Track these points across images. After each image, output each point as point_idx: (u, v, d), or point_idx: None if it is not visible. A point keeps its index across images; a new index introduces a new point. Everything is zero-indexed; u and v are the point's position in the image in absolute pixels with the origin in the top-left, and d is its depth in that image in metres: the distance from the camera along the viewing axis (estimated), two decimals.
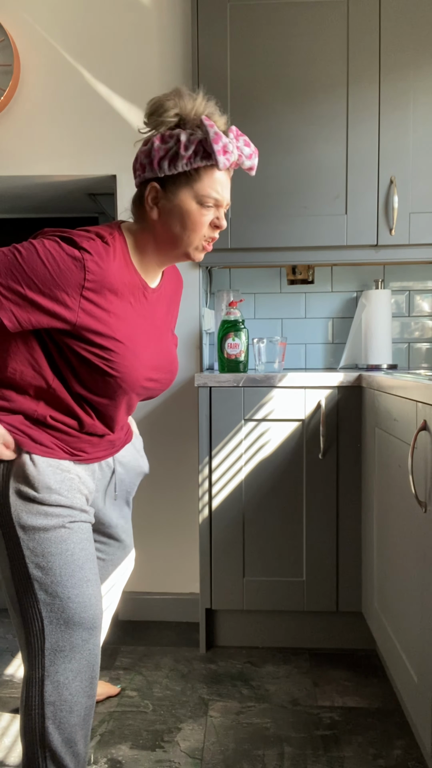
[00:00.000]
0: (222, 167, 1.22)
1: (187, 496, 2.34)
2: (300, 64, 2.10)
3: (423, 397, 1.34)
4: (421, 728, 1.39)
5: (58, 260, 1.17)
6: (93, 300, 1.21)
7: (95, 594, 1.29)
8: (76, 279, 1.18)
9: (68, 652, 1.25)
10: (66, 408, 1.28)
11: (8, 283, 1.16)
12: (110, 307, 1.23)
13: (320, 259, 2.19)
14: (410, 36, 2.06)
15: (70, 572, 1.25)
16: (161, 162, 1.23)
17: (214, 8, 2.09)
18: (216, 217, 1.27)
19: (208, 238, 1.29)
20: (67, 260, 1.17)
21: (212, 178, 1.24)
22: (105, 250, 1.22)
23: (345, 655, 2.08)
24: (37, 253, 1.16)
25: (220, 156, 1.20)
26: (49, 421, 1.27)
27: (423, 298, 2.49)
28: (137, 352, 1.28)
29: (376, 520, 1.81)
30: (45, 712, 1.24)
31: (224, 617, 2.15)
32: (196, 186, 1.24)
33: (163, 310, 1.41)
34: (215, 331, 2.41)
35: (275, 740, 1.64)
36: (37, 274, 1.16)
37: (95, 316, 1.21)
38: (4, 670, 2.00)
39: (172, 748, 1.61)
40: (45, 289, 1.17)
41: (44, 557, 1.23)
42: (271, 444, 2.03)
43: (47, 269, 1.16)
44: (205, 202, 1.24)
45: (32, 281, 1.16)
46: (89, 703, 1.29)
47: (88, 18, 2.24)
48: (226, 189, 1.27)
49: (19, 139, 2.28)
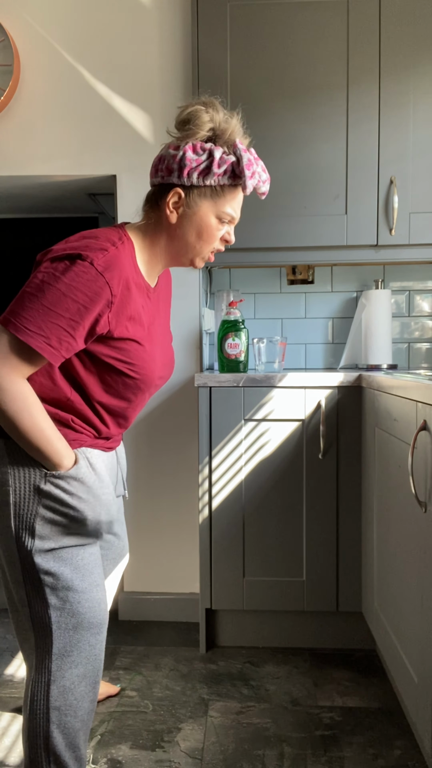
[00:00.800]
0: (248, 192, 1.28)
1: (187, 496, 2.33)
2: (300, 65, 2.10)
3: (423, 397, 1.34)
4: (421, 728, 1.39)
5: (83, 290, 1.16)
6: (118, 309, 1.22)
7: (103, 598, 1.30)
8: (105, 297, 1.19)
9: (75, 656, 1.25)
10: (84, 418, 1.30)
11: (58, 336, 1.15)
12: (129, 312, 1.25)
13: (320, 259, 2.19)
14: (410, 36, 2.06)
15: (81, 577, 1.25)
16: (191, 172, 1.25)
17: (214, 8, 2.09)
18: (227, 232, 1.34)
19: (215, 250, 1.36)
20: (91, 284, 1.17)
21: (235, 197, 1.30)
22: (119, 258, 1.22)
23: (345, 655, 2.08)
24: (61, 293, 1.15)
25: (249, 180, 1.26)
26: (71, 424, 1.28)
27: (423, 298, 2.49)
28: (152, 351, 1.31)
29: (376, 520, 1.81)
30: (50, 716, 1.24)
31: (224, 617, 2.15)
32: (218, 202, 1.28)
33: (162, 308, 1.44)
34: (215, 331, 2.41)
35: (275, 740, 1.64)
36: (71, 312, 1.15)
37: (120, 323, 1.23)
38: (4, 670, 2.00)
39: (172, 748, 1.61)
40: (84, 321, 1.17)
41: (57, 562, 1.23)
42: (271, 444, 2.03)
43: (78, 303, 1.16)
44: (223, 217, 1.30)
45: (72, 321, 1.16)
46: (91, 707, 1.30)
47: (88, 18, 2.24)
48: (239, 208, 1.34)
49: (19, 139, 2.28)
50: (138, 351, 1.27)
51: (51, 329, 1.14)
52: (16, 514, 1.22)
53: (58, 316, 1.14)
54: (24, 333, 1.12)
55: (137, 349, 1.27)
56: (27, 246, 3.57)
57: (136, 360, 1.27)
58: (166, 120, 2.23)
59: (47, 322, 1.14)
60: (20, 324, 1.13)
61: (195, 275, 2.26)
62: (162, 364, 1.37)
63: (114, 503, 1.34)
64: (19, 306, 1.15)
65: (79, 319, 1.16)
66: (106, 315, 1.20)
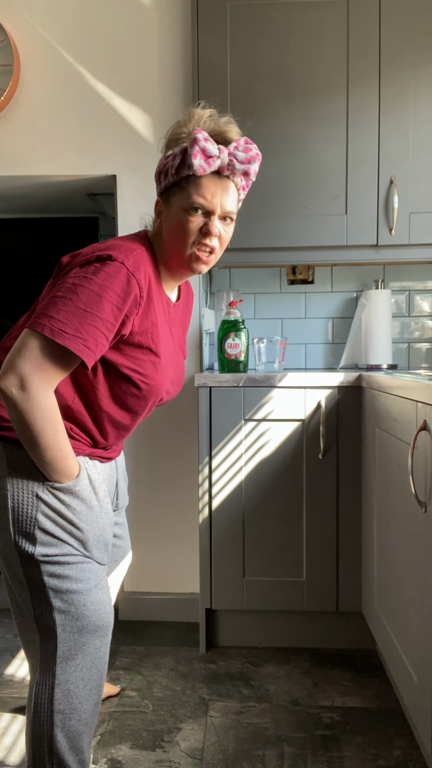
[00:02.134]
0: (197, 171, 1.22)
1: (187, 496, 2.33)
2: (300, 64, 2.10)
3: (423, 397, 1.34)
4: (421, 728, 1.39)
5: (116, 290, 1.17)
6: (144, 311, 1.23)
7: (107, 601, 1.29)
8: (134, 297, 1.19)
9: (80, 659, 1.25)
10: (83, 426, 1.29)
11: (95, 338, 1.15)
12: (152, 317, 1.26)
13: (320, 259, 2.19)
14: (410, 36, 2.06)
15: (85, 579, 1.24)
16: (159, 178, 1.29)
17: (214, 8, 2.09)
18: (206, 224, 1.26)
19: (200, 246, 1.27)
20: (123, 284, 1.17)
21: (198, 185, 1.24)
22: (145, 259, 1.24)
23: (345, 655, 2.08)
24: (95, 294, 1.15)
25: (194, 160, 1.20)
26: (69, 432, 1.27)
27: (423, 298, 2.49)
28: (165, 365, 1.31)
29: (376, 520, 1.81)
30: (54, 719, 1.24)
31: (224, 617, 2.15)
32: (183, 194, 1.25)
33: (179, 325, 1.45)
34: (215, 331, 2.41)
35: (275, 740, 1.64)
36: (107, 313, 1.16)
37: (143, 326, 1.24)
38: (4, 670, 2.00)
39: (172, 748, 1.61)
40: (117, 322, 1.18)
41: (59, 565, 1.23)
42: (271, 444, 2.03)
43: (112, 303, 1.16)
44: (189, 207, 1.25)
45: (107, 322, 1.16)
46: (95, 710, 1.29)
47: (88, 18, 2.24)
48: (217, 196, 1.25)
49: (19, 139, 2.28)
50: (151, 361, 1.27)
51: (89, 331, 1.13)
52: (15, 520, 1.22)
53: (95, 318, 1.14)
54: (62, 336, 1.11)
55: (152, 359, 1.27)
56: (27, 246, 3.57)
57: (148, 371, 1.27)
58: (166, 120, 2.23)
59: (84, 324, 1.13)
60: (57, 327, 1.11)
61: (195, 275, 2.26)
62: (171, 380, 1.37)
63: (110, 517, 1.32)
64: (52, 310, 1.13)
65: (113, 320, 1.17)
66: (133, 316, 1.21)
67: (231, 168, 1.25)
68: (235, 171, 1.25)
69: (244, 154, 1.25)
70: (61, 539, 1.22)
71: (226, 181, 1.26)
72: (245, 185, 1.31)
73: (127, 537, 1.66)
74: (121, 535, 1.63)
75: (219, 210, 1.26)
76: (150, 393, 1.30)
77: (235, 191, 1.29)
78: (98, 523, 1.27)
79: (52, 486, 1.21)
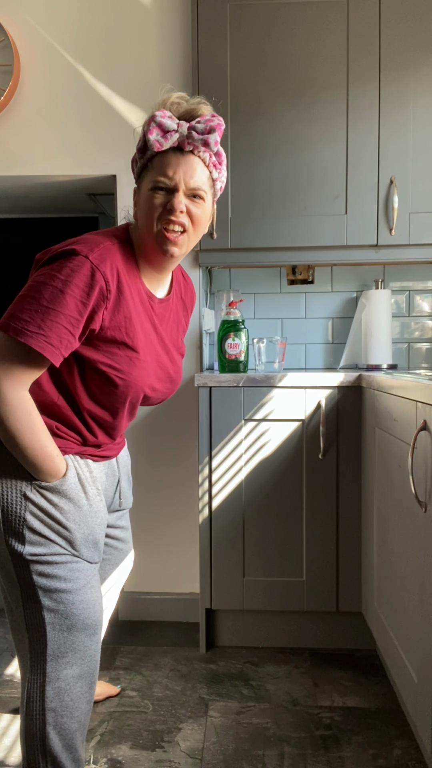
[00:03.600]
0: (153, 146, 1.20)
1: (187, 496, 2.33)
2: (300, 64, 2.10)
3: (423, 397, 1.34)
4: (421, 728, 1.39)
5: (80, 285, 1.15)
6: (114, 305, 1.21)
7: (97, 599, 1.29)
8: (100, 290, 1.17)
9: (70, 657, 1.25)
10: (69, 424, 1.28)
11: (58, 334, 1.14)
12: (125, 312, 1.23)
13: (320, 259, 2.19)
14: (410, 36, 2.06)
15: (75, 578, 1.24)
16: (132, 165, 1.29)
17: (214, 8, 2.09)
18: (170, 201, 1.21)
19: (166, 223, 1.22)
20: (87, 278, 1.16)
21: (161, 163, 1.22)
22: (113, 251, 1.22)
23: (345, 655, 2.08)
24: (58, 290, 1.14)
25: (150, 135, 1.19)
26: (55, 431, 1.26)
27: (423, 298, 2.49)
28: (145, 361, 1.28)
29: (376, 520, 1.81)
30: (46, 717, 1.23)
31: (224, 617, 2.15)
32: (149, 175, 1.24)
33: (172, 322, 1.41)
34: (215, 331, 2.41)
35: (275, 740, 1.64)
36: (70, 309, 1.14)
37: (114, 320, 1.21)
38: (4, 670, 2.00)
39: (172, 748, 1.61)
40: (82, 317, 1.16)
41: (48, 565, 1.23)
42: (271, 444, 2.03)
43: (76, 299, 1.15)
44: (155, 187, 1.22)
45: (71, 318, 1.14)
46: (88, 708, 1.29)
47: (88, 18, 2.24)
48: (180, 172, 1.21)
49: (19, 139, 2.28)
50: (128, 356, 1.24)
51: (51, 328, 1.13)
52: (4, 519, 1.22)
53: (58, 314, 1.13)
54: (24, 335, 1.11)
55: (128, 354, 1.24)
56: (27, 246, 3.57)
57: (124, 366, 1.24)
58: None
59: (47, 320, 1.13)
60: (20, 326, 1.12)
61: (195, 275, 2.26)
62: (157, 377, 1.33)
63: (101, 516, 1.31)
64: (17, 309, 1.14)
65: (78, 315, 1.15)
66: (102, 310, 1.18)
67: (191, 141, 1.21)
68: (195, 143, 1.21)
69: (203, 125, 1.22)
70: (50, 539, 1.22)
71: (190, 157, 1.22)
72: (216, 162, 1.26)
73: (129, 540, 1.64)
74: (123, 539, 1.61)
75: (183, 186, 1.22)
76: (127, 389, 1.26)
77: (203, 168, 1.24)
78: (87, 522, 1.26)
79: (39, 485, 1.22)
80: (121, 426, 1.35)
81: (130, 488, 1.58)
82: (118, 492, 1.51)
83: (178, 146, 1.22)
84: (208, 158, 1.24)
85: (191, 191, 1.23)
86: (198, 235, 1.28)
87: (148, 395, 1.33)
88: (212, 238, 2.13)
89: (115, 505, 1.51)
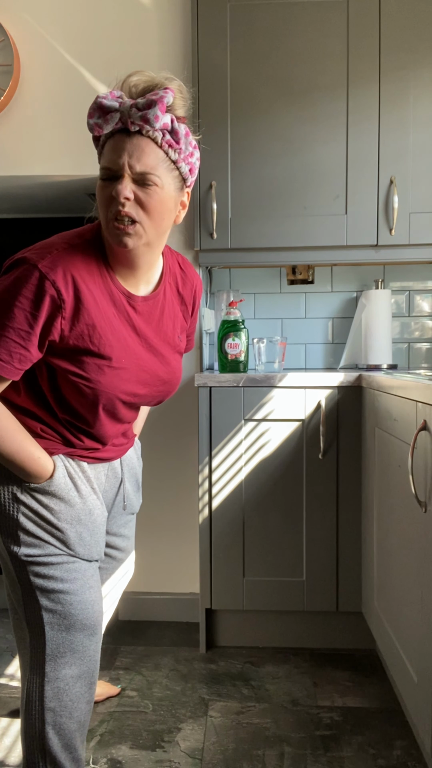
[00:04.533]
0: (92, 131, 1.11)
1: (187, 496, 2.33)
2: (300, 64, 2.10)
3: (423, 397, 1.34)
4: (421, 728, 1.39)
5: (27, 295, 1.10)
6: (72, 314, 1.14)
7: (96, 599, 1.28)
8: (51, 300, 1.11)
9: (69, 657, 1.25)
10: (53, 428, 1.26)
11: (7, 349, 1.10)
12: (88, 319, 1.16)
13: (320, 259, 2.19)
14: (410, 36, 2.06)
15: (72, 579, 1.24)
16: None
17: (214, 8, 2.09)
18: (116, 190, 1.09)
19: (115, 213, 1.12)
20: (34, 288, 1.10)
21: (108, 148, 1.12)
22: (65, 257, 1.14)
23: (345, 655, 2.08)
24: (5, 302, 1.10)
25: (89, 120, 1.11)
26: (40, 433, 1.24)
27: (423, 298, 2.49)
28: (122, 367, 1.21)
29: (376, 520, 1.81)
30: (45, 717, 1.23)
31: (224, 617, 2.15)
32: (101, 163, 1.15)
33: (165, 319, 1.31)
34: (215, 331, 2.41)
35: (275, 740, 1.64)
36: (19, 321, 1.10)
37: (76, 329, 1.15)
38: (4, 670, 2.00)
39: (172, 748, 1.61)
40: (35, 328, 1.11)
41: (45, 566, 1.23)
42: (271, 444, 2.03)
43: (24, 310, 1.10)
44: (102, 175, 1.13)
45: (20, 330, 1.10)
46: (87, 709, 1.29)
47: (88, 18, 2.24)
48: (124, 156, 1.09)
49: (19, 139, 2.28)
50: (97, 365, 1.18)
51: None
52: (0, 521, 1.23)
53: (5, 327, 1.10)
54: None
55: (97, 362, 1.17)
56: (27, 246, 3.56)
57: (93, 374, 1.18)
58: None
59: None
60: None
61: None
62: (140, 381, 1.26)
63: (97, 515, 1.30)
64: None
65: (28, 327, 1.10)
66: (58, 320, 1.12)
67: (133, 119, 1.08)
68: (135, 120, 1.08)
69: (145, 99, 1.08)
70: (44, 540, 1.22)
71: (138, 138, 1.09)
72: (173, 141, 1.11)
73: (128, 550, 1.60)
74: (123, 548, 1.57)
75: (127, 170, 1.09)
76: (97, 398, 1.19)
77: (155, 149, 1.10)
78: (81, 520, 1.26)
79: (29, 487, 1.21)
80: (106, 432, 1.28)
81: (137, 493, 1.52)
82: (121, 495, 1.46)
83: (124, 128, 1.10)
84: (160, 137, 1.10)
85: (138, 176, 1.10)
86: (157, 225, 1.15)
87: (127, 401, 1.26)
88: (212, 238, 2.13)
89: (118, 508, 1.48)
